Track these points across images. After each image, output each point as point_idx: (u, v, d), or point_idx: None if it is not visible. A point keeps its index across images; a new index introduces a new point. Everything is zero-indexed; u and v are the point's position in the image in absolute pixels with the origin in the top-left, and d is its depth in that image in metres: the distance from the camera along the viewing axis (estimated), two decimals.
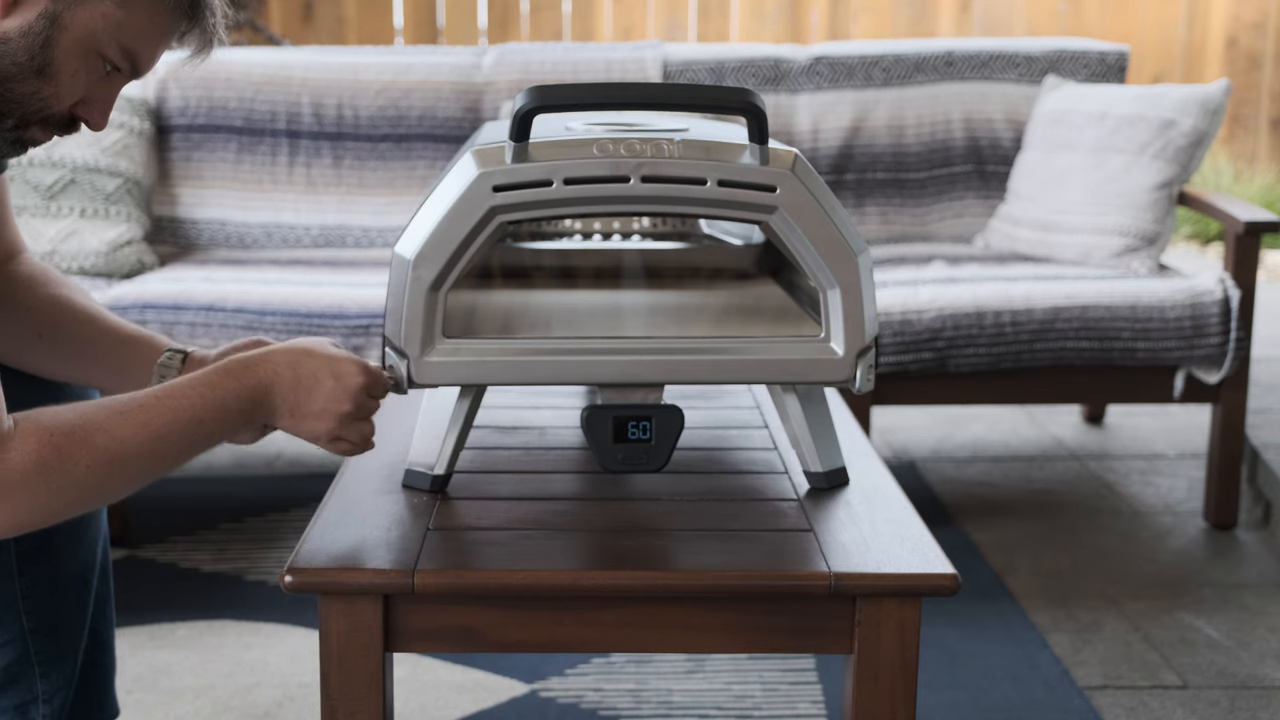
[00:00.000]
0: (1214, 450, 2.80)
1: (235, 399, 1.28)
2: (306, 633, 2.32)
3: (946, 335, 2.67)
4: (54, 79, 1.25)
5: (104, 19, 1.25)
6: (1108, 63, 3.31)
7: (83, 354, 1.48)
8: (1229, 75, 6.01)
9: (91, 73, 1.28)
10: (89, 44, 1.25)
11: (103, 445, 1.20)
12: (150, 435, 1.23)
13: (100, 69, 1.28)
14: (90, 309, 1.50)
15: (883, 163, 3.26)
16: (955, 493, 3.03)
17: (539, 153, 1.32)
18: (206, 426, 1.27)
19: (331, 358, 1.33)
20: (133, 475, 1.24)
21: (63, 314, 1.48)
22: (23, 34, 1.23)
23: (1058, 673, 2.19)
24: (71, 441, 1.19)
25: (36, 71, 1.24)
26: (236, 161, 3.20)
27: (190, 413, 1.26)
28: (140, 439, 1.22)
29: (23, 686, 1.48)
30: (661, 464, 1.40)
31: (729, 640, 1.30)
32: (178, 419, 1.25)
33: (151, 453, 1.23)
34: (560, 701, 2.10)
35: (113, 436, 1.21)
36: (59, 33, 1.24)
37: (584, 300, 1.66)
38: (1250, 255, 2.74)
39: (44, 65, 1.24)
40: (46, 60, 1.24)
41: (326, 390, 1.31)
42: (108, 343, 1.48)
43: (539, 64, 3.25)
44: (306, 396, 1.31)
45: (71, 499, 1.20)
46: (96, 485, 1.21)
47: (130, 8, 1.26)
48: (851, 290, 1.36)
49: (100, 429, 1.21)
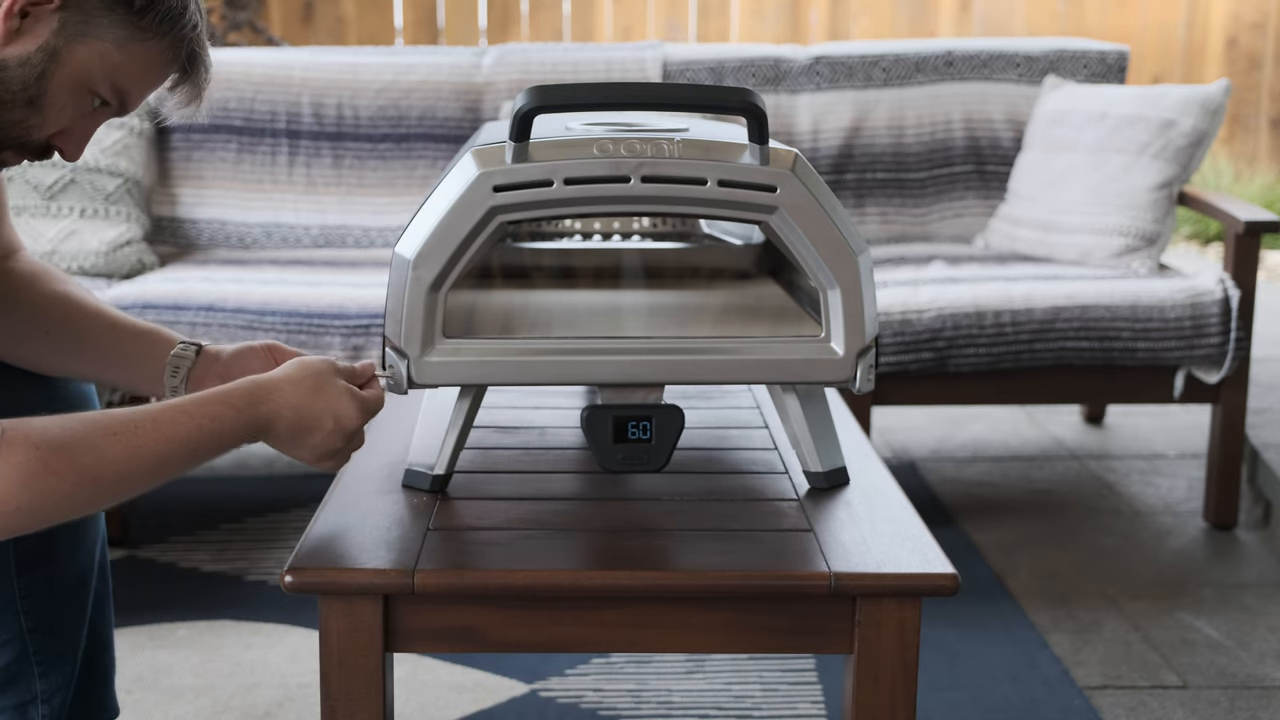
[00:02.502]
0: (1214, 450, 2.80)
1: (233, 432, 1.27)
2: (306, 633, 2.32)
3: (946, 335, 2.67)
4: (42, 110, 1.25)
5: (101, 59, 1.25)
6: (1108, 63, 3.31)
7: (88, 349, 1.47)
8: (1229, 75, 6.01)
9: (79, 107, 1.28)
10: (82, 80, 1.26)
11: (90, 465, 1.18)
12: (141, 460, 1.21)
13: (89, 104, 1.28)
14: (94, 304, 1.49)
15: (883, 163, 3.26)
16: (955, 493, 3.03)
17: (539, 153, 1.32)
18: (201, 454, 1.25)
19: (335, 399, 1.32)
20: (118, 496, 1.22)
21: (67, 310, 1.47)
22: (20, 64, 1.23)
23: (1058, 673, 2.19)
24: (59, 459, 1.16)
25: (28, 102, 1.24)
26: (236, 161, 3.20)
27: (186, 441, 1.24)
28: (130, 462, 1.20)
29: (22, 686, 1.48)
30: (661, 464, 1.40)
31: (729, 640, 1.30)
32: (172, 445, 1.23)
33: (139, 476, 1.21)
34: (560, 701, 2.10)
35: (101, 458, 1.18)
36: (56, 67, 1.24)
37: (584, 300, 1.66)
38: (1250, 255, 2.74)
39: (36, 97, 1.24)
40: (40, 92, 1.24)
41: (325, 431, 1.32)
42: (115, 337, 1.47)
43: (539, 64, 3.25)
44: (305, 434, 1.31)
45: (50, 515, 1.18)
46: (78, 504, 1.19)
47: (129, 51, 1.26)
48: (851, 290, 1.36)
49: (90, 449, 1.18)
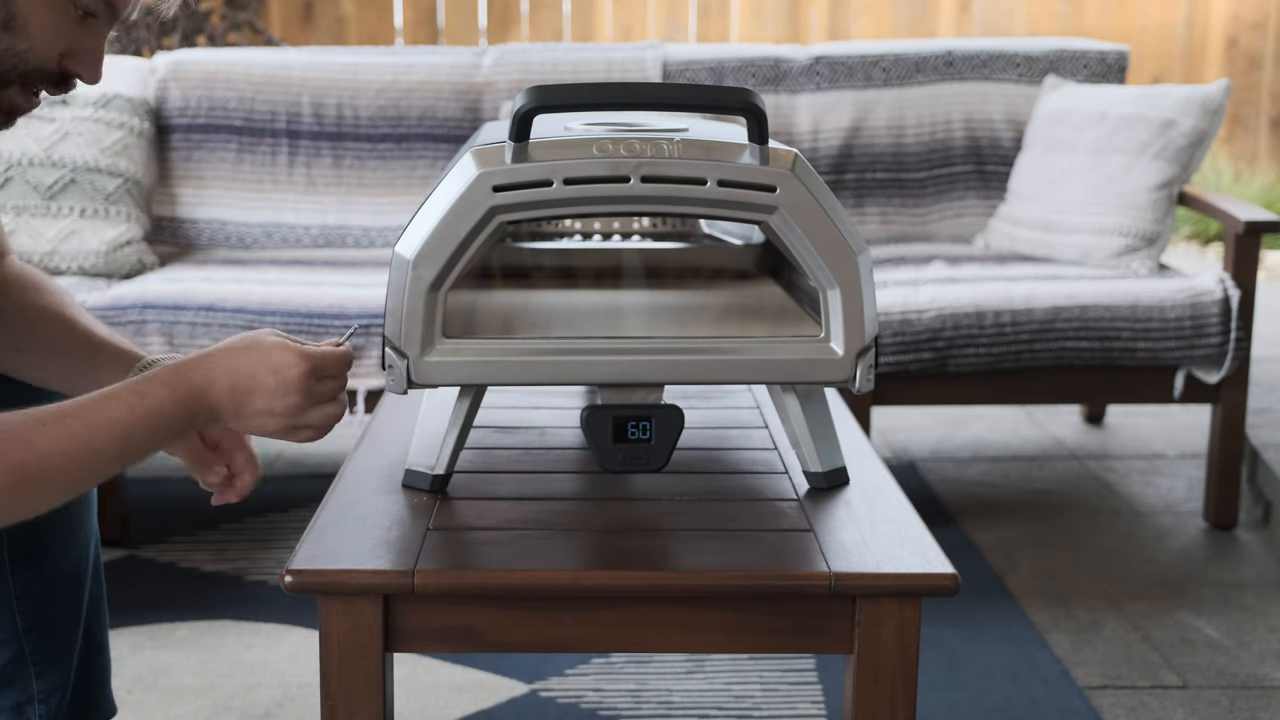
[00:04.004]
0: (1214, 450, 2.80)
1: (167, 407, 1.21)
2: (306, 633, 2.32)
3: (946, 335, 2.67)
4: (23, 32, 1.21)
5: None
6: (1108, 63, 3.31)
7: (56, 364, 1.43)
8: (1229, 75, 6.01)
9: (63, 20, 1.22)
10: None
11: (18, 459, 1.13)
12: (74, 448, 1.15)
13: (71, 14, 1.23)
14: (66, 316, 1.44)
15: (883, 163, 3.26)
16: (955, 493, 3.03)
17: (539, 153, 1.32)
18: (137, 438, 1.19)
19: (268, 352, 1.25)
20: (57, 488, 1.17)
21: (38, 323, 1.43)
22: None
23: (1058, 673, 2.19)
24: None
25: (3, 26, 1.20)
26: (236, 161, 3.20)
27: (119, 423, 1.18)
28: (62, 452, 1.15)
29: (18, 687, 1.47)
30: (661, 464, 1.40)
31: (729, 640, 1.30)
32: (104, 429, 1.17)
33: (75, 465, 1.16)
34: (560, 701, 2.09)
35: (29, 449, 1.14)
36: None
37: (584, 300, 1.66)
38: (1250, 255, 2.74)
39: (8, 19, 1.20)
40: (10, 14, 1.20)
41: (268, 389, 1.25)
42: (81, 354, 1.43)
43: (539, 64, 3.25)
44: (247, 398, 1.25)
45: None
46: (11, 499, 1.14)
47: None
48: (851, 290, 1.36)
49: (16, 441, 1.14)
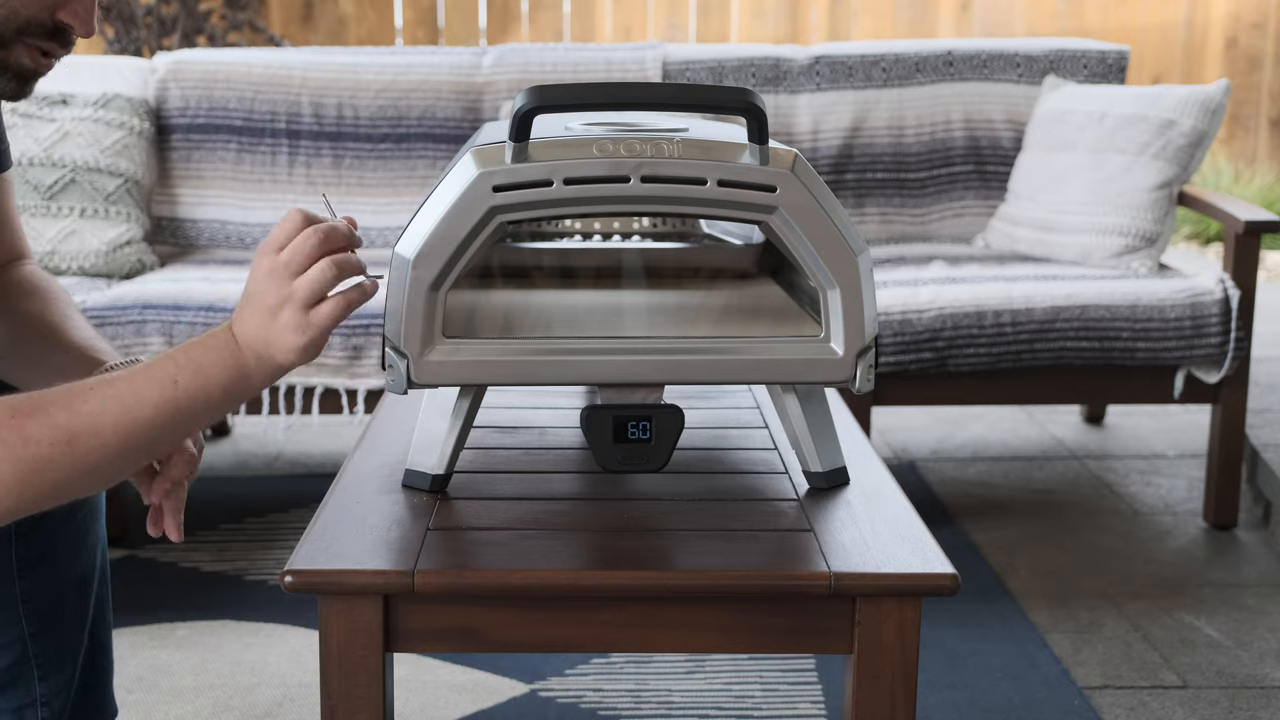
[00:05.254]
0: (1214, 450, 2.80)
1: (207, 351, 1.20)
2: (306, 633, 2.32)
3: (946, 335, 2.67)
4: None
5: None
6: (1108, 63, 3.31)
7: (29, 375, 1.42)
8: (1229, 75, 6.01)
9: None
10: None
11: (64, 421, 1.13)
12: (120, 405, 1.16)
13: None
14: (60, 331, 1.44)
15: (883, 163, 3.26)
16: (955, 493, 3.03)
17: (539, 153, 1.32)
18: (183, 386, 1.18)
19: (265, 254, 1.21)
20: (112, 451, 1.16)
21: (23, 330, 1.43)
22: None
23: (1057, 673, 2.19)
24: (32, 422, 1.13)
25: None
26: (236, 161, 3.20)
27: (162, 374, 1.18)
28: (109, 410, 1.15)
29: (21, 689, 1.47)
30: (661, 464, 1.40)
31: (729, 640, 1.29)
32: (149, 382, 1.17)
33: (125, 423, 1.16)
34: (560, 701, 2.09)
35: (75, 411, 1.14)
36: None
37: (584, 300, 1.66)
38: (1250, 255, 2.74)
39: None
40: None
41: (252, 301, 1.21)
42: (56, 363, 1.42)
43: (539, 64, 3.25)
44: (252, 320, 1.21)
45: (43, 483, 1.14)
46: (68, 464, 1.14)
47: None
48: (851, 290, 1.36)
49: (60, 405, 1.14)
